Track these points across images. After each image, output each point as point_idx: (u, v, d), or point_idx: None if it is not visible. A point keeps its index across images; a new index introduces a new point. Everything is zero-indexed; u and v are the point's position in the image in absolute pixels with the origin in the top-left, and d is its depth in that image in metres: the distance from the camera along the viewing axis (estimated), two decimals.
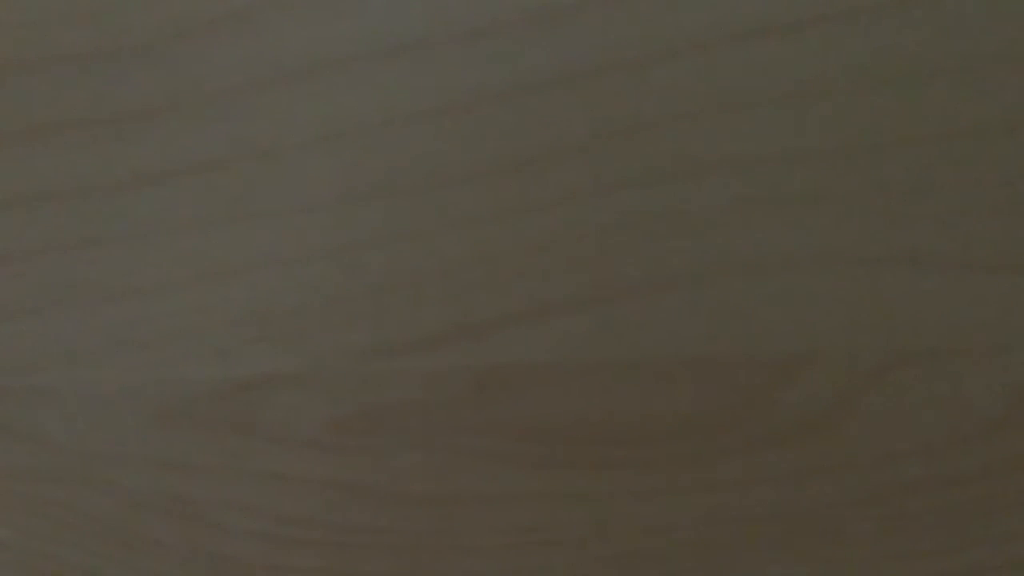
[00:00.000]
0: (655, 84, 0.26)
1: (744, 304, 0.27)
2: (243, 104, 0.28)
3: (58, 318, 0.29)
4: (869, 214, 0.26)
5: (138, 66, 0.28)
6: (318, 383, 0.28)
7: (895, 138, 0.26)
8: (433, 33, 0.27)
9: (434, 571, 0.29)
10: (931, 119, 0.26)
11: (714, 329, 0.27)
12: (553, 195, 0.27)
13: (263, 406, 0.29)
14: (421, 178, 0.27)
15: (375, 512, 0.29)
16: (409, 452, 0.29)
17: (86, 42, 0.28)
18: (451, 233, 0.27)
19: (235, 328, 0.29)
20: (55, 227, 0.29)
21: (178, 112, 0.28)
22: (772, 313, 0.27)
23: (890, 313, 0.26)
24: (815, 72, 0.26)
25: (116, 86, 0.28)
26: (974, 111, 0.25)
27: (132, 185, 0.28)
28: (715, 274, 0.27)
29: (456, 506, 0.29)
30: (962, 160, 0.26)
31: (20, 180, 0.29)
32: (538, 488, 0.28)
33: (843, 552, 0.28)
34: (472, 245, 0.27)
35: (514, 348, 0.27)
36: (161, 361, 0.29)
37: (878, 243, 0.26)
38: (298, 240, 0.28)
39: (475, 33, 0.26)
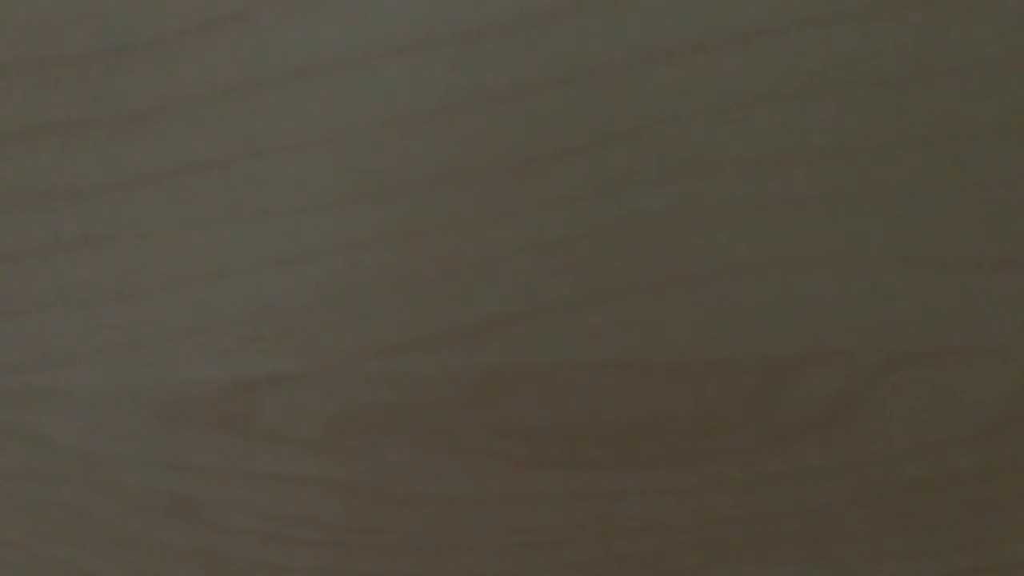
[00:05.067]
0: (655, 84, 0.26)
1: (744, 304, 0.27)
2: (243, 104, 0.28)
3: (58, 318, 0.29)
4: (869, 214, 0.26)
5: (138, 66, 0.28)
6: (318, 383, 0.28)
7: (895, 138, 0.26)
8: (433, 33, 0.27)
9: (434, 571, 0.29)
10: (931, 119, 0.26)
11: (714, 329, 0.27)
12: (553, 195, 0.27)
13: (263, 406, 0.29)
14: (421, 178, 0.27)
15: (375, 512, 0.29)
16: (409, 452, 0.29)
17: (86, 42, 0.28)
18: (451, 233, 0.27)
19: (235, 328, 0.29)
20: (55, 227, 0.29)
21: (178, 112, 0.28)
22: (772, 313, 0.27)
23: (890, 313, 0.26)
24: (815, 72, 0.26)
25: (116, 86, 0.28)
26: (974, 111, 0.25)
27: (132, 185, 0.28)
28: (715, 274, 0.27)
29: (456, 506, 0.29)
30: (962, 160, 0.26)
31: (20, 180, 0.29)
32: (538, 488, 0.28)
33: (843, 552, 0.28)
34: (472, 245, 0.27)
35: (514, 348, 0.28)
36: (161, 361, 0.29)
37: (878, 243, 0.26)
38: (298, 240, 0.28)
39: (475, 33, 0.26)
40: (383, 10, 0.27)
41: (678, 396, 0.27)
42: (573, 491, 0.28)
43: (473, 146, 0.27)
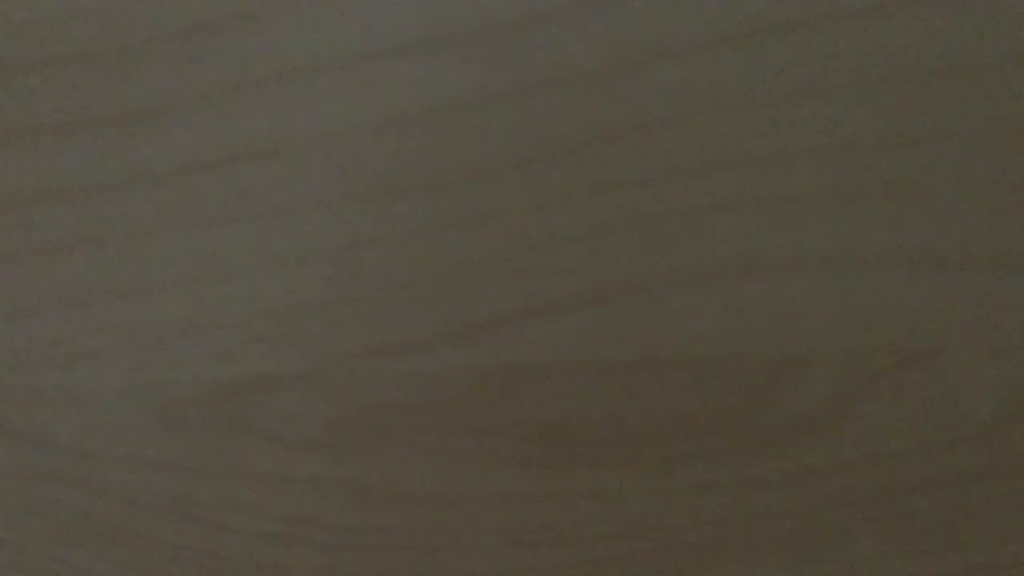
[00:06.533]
0: (655, 84, 0.26)
1: (744, 304, 0.27)
2: (243, 104, 0.28)
3: (58, 318, 0.29)
4: (869, 214, 0.26)
5: (138, 66, 0.28)
6: (318, 383, 0.28)
7: (895, 138, 0.26)
8: (433, 33, 0.27)
9: (434, 571, 0.29)
10: (931, 119, 0.26)
11: (714, 329, 0.27)
12: (553, 195, 0.27)
13: (263, 406, 0.29)
14: (421, 178, 0.27)
15: (375, 512, 0.29)
16: (409, 452, 0.29)
17: (86, 42, 0.28)
18: (451, 233, 0.27)
19: (235, 328, 0.29)
20: (55, 227, 0.29)
21: (178, 112, 0.28)
22: (772, 313, 0.27)
23: (890, 313, 0.26)
24: (815, 72, 0.26)
25: (116, 86, 0.28)
26: (974, 111, 0.25)
27: (132, 185, 0.28)
28: (715, 274, 0.27)
29: (456, 506, 0.29)
30: (962, 160, 0.26)
31: (20, 180, 0.29)
32: (538, 488, 0.28)
33: (843, 552, 0.28)
34: (472, 245, 0.27)
35: (514, 348, 0.27)
36: (161, 361, 0.29)
37: (878, 243, 0.26)
38: (298, 240, 0.28)
39: (475, 33, 0.26)
40: (383, 10, 0.27)
41: (678, 396, 0.27)
42: (573, 491, 0.28)
43: (473, 146, 0.27)
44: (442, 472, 0.29)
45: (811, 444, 0.27)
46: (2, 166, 0.29)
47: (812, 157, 0.26)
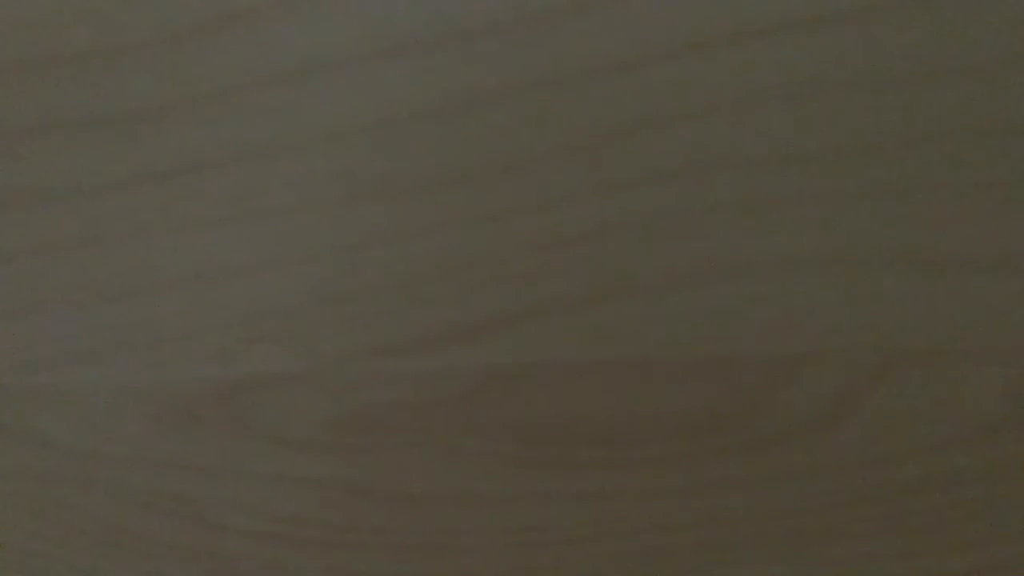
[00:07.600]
0: (655, 84, 0.26)
1: (744, 304, 0.27)
2: (243, 104, 0.28)
3: (58, 318, 0.29)
4: (869, 214, 0.26)
5: (138, 66, 0.28)
6: (318, 383, 0.28)
7: (895, 138, 0.26)
8: (432, 33, 0.27)
9: (434, 571, 0.29)
10: (931, 119, 0.26)
11: (714, 329, 0.27)
12: (553, 195, 0.27)
13: (263, 406, 0.29)
14: (421, 178, 0.27)
15: (375, 512, 0.29)
16: (409, 452, 0.29)
17: (86, 42, 0.28)
18: (451, 233, 0.27)
19: (235, 328, 0.29)
20: (55, 227, 0.29)
21: (178, 112, 0.28)
22: (772, 313, 0.27)
23: (890, 313, 0.26)
24: (815, 72, 0.26)
25: (116, 86, 0.28)
26: (974, 111, 0.25)
27: (132, 185, 0.28)
28: (715, 274, 0.27)
29: (456, 506, 0.29)
30: (962, 160, 0.26)
31: (20, 180, 0.29)
32: (538, 488, 0.28)
33: (843, 552, 0.28)
34: (472, 245, 0.27)
35: (514, 348, 0.27)
36: (161, 361, 0.29)
37: (878, 243, 0.26)
38: (298, 240, 0.28)
39: (474, 33, 0.26)
40: (383, 10, 0.27)
41: (678, 396, 0.27)
42: (573, 491, 0.28)
43: (473, 146, 0.27)
44: (442, 472, 0.29)
45: (811, 444, 0.27)
46: (2, 166, 0.29)
47: (812, 157, 0.26)
